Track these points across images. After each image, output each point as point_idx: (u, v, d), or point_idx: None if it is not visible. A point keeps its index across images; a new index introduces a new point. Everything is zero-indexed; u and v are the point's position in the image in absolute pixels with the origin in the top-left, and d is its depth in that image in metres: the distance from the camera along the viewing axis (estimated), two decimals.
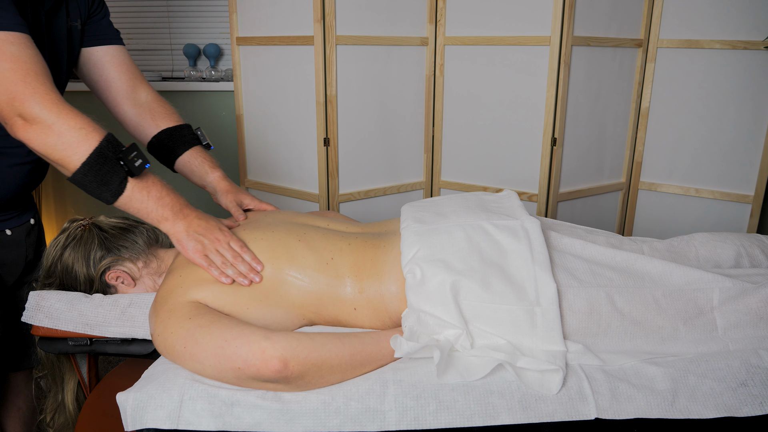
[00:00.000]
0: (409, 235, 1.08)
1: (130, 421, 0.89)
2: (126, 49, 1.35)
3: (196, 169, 1.31)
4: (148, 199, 1.01)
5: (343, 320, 1.07)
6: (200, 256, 1.04)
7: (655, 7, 2.11)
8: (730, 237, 1.20)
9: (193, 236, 1.05)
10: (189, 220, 1.06)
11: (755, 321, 1.01)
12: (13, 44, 0.94)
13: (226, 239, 1.06)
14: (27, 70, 0.94)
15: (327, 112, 2.02)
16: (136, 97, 1.34)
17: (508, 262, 1.02)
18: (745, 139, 2.07)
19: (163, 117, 1.33)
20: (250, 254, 1.06)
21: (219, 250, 1.05)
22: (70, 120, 0.95)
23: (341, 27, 1.98)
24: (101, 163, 0.96)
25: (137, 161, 0.99)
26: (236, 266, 1.04)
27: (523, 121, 2.06)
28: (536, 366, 0.91)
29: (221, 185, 1.29)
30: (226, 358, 0.89)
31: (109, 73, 1.32)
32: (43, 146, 0.95)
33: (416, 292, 1.00)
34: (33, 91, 0.93)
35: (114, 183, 0.98)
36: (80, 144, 0.95)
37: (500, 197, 1.22)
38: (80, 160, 0.95)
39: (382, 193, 2.23)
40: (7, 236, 1.25)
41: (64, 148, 0.95)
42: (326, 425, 0.88)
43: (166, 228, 1.05)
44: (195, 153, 1.32)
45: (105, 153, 0.96)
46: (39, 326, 1.10)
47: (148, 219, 1.04)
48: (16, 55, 0.94)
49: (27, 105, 0.92)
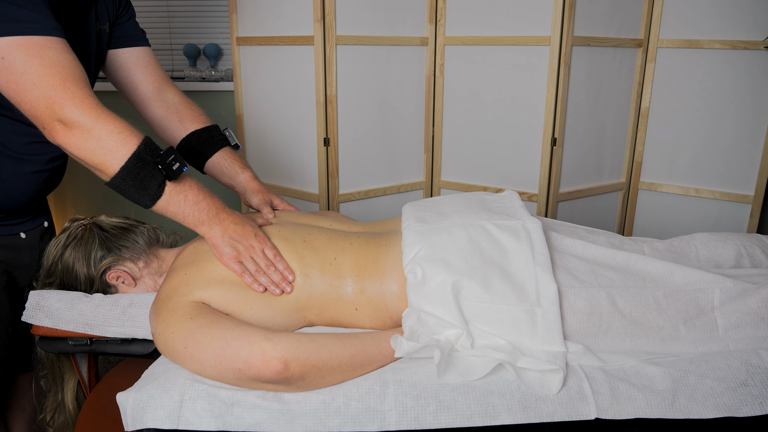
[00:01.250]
0: (411, 234, 1.08)
1: (130, 421, 0.89)
2: (152, 50, 1.35)
3: (226, 169, 1.31)
4: (185, 203, 1.01)
5: (344, 321, 1.07)
6: (234, 262, 1.04)
7: (655, 7, 2.11)
8: (730, 237, 1.20)
9: (228, 242, 1.05)
10: (225, 225, 1.05)
11: (756, 321, 1.01)
12: (52, 49, 0.94)
13: (260, 246, 1.06)
14: (65, 75, 0.93)
15: (327, 112, 2.02)
16: (163, 99, 1.33)
17: (509, 262, 1.02)
18: (745, 139, 2.07)
19: (190, 119, 1.33)
20: (283, 263, 1.06)
21: (253, 257, 1.05)
22: (108, 124, 0.94)
23: (341, 27, 1.98)
24: (140, 167, 0.95)
25: (175, 165, 0.98)
26: (269, 275, 1.04)
27: (523, 121, 2.06)
28: (536, 366, 0.91)
29: (251, 185, 1.29)
30: (226, 359, 0.89)
31: (135, 75, 1.32)
32: (82, 151, 0.94)
33: (417, 292, 1.00)
34: (72, 95, 0.93)
35: (152, 187, 0.97)
36: (119, 148, 0.94)
37: (501, 197, 1.22)
38: (119, 164, 0.95)
39: (382, 193, 2.23)
40: (21, 239, 1.26)
41: (103, 153, 0.94)
42: (326, 425, 0.88)
43: (202, 232, 1.05)
44: (224, 154, 1.32)
45: (143, 157, 0.96)
46: (39, 326, 1.10)
47: (185, 222, 1.03)
48: (54, 59, 0.93)
49: (66, 110, 0.92)
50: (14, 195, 1.19)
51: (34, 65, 0.92)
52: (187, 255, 1.10)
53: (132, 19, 1.32)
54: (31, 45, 0.92)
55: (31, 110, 0.93)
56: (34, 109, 0.93)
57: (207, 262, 1.06)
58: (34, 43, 0.92)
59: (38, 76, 0.92)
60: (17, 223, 1.25)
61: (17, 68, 0.91)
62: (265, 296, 1.04)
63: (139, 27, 1.33)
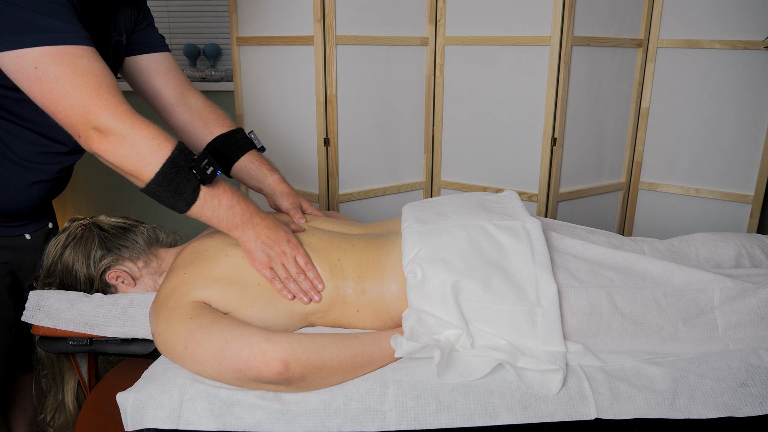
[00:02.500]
0: (410, 235, 1.08)
1: (130, 420, 0.89)
2: (172, 55, 1.35)
3: (254, 172, 1.31)
4: (219, 207, 1.01)
5: (345, 323, 1.08)
6: (266, 267, 1.05)
7: (655, 7, 2.11)
8: (730, 237, 1.20)
9: (261, 247, 1.05)
10: (258, 230, 1.05)
11: (756, 321, 1.01)
12: (83, 58, 0.94)
13: (292, 253, 1.06)
14: (98, 83, 0.93)
15: (327, 112, 2.02)
16: (186, 104, 1.33)
17: (509, 263, 1.02)
18: (745, 139, 2.07)
19: (215, 123, 1.33)
20: (313, 271, 1.07)
21: (284, 263, 1.05)
22: (143, 130, 0.94)
23: (341, 27, 1.98)
24: (174, 172, 0.96)
25: (209, 169, 0.99)
26: (299, 282, 1.05)
27: (523, 121, 2.06)
28: (536, 366, 0.91)
29: (280, 188, 1.30)
30: (227, 360, 0.89)
31: (156, 80, 1.32)
32: (118, 158, 0.94)
33: (417, 292, 1.01)
34: (106, 103, 0.93)
35: (187, 192, 0.97)
36: (153, 154, 0.94)
37: (501, 197, 1.22)
38: (154, 170, 0.95)
39: (382, 193, 2.23)
40: (26, 240, 1.26)
41: (138, 159, 0.94)
42: (326, 425, 0.88)
43: (236, 236, 1.05)
44: (251, 157, 1.32)
45: (178, 162, 0.96)
46: (39, 326, 1.10)
47: (219, 227, 1.03)
48: (86, 68, 0.93)
49: (101, 117, 0.92)
50: (19, 201, 1.20)
51: (68, 74, 0.92)
52: (187, 255, 1.10)
53: (151, 26, 1.32)
54: (64, 54, 0.92)
55: (66, 119, 0.94)
56: (69, 117, 0.93)
57: (206, 261, 1.06)
58: (67, 52, 0.93)
59: (72, 85, 0.92)
60: (22, 225, 1.25)
61: (51, 78, 0.92)
62: (269, 296, 1.04)
63: (158, 33, 1.33)
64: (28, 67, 0.92)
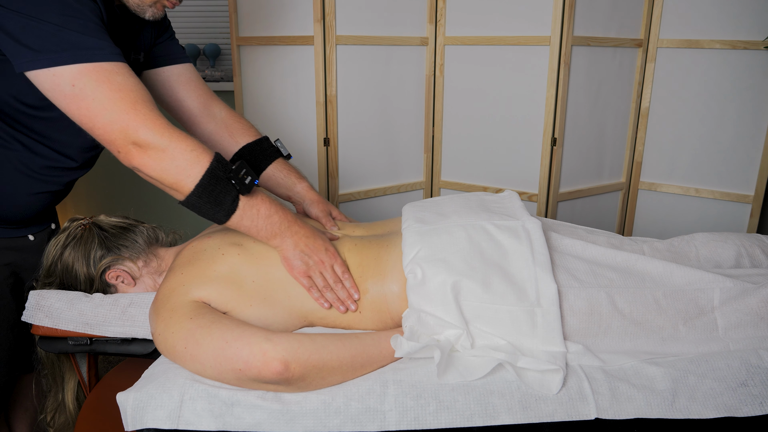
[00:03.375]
0: (411, 235, 1.08)
1: (130, 420, 0.89)
2: (194, 66, 1.35)
3: (282, 181, 1.32)
4: (258, 217, 1.02)
5: (345, 324, 1.07)
6: (304, 276, 1.05)
7: (655, 7, 2.11)
8: (730, 237, 1.20)
9: (300, 255, 1.05)
10: (297, 238, 1.06)
11: (756, 321, 1.01)
12: (119, 74, 0.95)
13: (330, 261, 1.06)
14: (135, 99, 0.94)
15: (327, 112, 2.02)
16: (210, 115, 1.34)
17: (509, 263, 1.03)
18: (745, 139, 2.07)
19: (241, 133, 1.34)
20: (350, 280, 1.07)
21: (322, 272, 1.05)
22: (181, 143, 0.95)
23: (341, 27, 1.98)
24: (213, 183, 0.96)
25: (247, 179, 0.99)
26: (336, 291, 1.05)
27: (523, 121, 2.06)
28: (536, 366, 0.91)
29: (309, 195, 1.31)
30: (226, 360, 0.89)
31: (179, 92, 1.32)
32: (158, 171, 0.95)
33: (417, 292, 1.01)
34: (144, 118, 0.93)
35: (227, 202, 0.98)
36: (192, 166, 0.95)
37: (501, 198, 1.22)
38: (193, 182, 0.95)
39: (382, 193, 2.23)
40: (29, 241, 1.26)
41: (178, 172, 0.95)
42: (326, 425, 0.88)
43: (275, 244, 1.05)
44: (279, 165, 1.33)
45: (216, 173, 0.96)
46: (39, 325, 1.10)
47: (258, 236, 1.04)
48: (122, 84, 0.94)
49: (140, 132, 0.93)
50: (22, 208, 1.21)
51: (104, 91, 0.93)
52: (186, 255, 1.10)
53: (172, 38, 1.32)
54: (100, 71, 0.93)
55: (105, 135, 0.94)
56: (108, 134, 0.94)
57: (204, 261, 1.06)
58: (103, 69, 0.93)
59: (109, 101, 0.93)
60: (25, 226, 1.25)
61: (88, 95, 0.92)
62: (262, 294, 1.04)
63: (179, 44, 1.33)
64: (65, 84, 0.92)
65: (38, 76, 0.93)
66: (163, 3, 1.12)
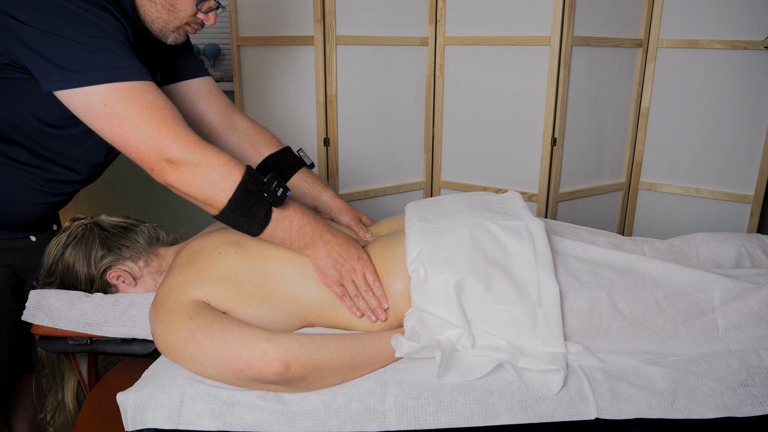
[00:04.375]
0: (414, 233, 1.08)
1: (131, 420, 0.88)
2: (213, 79, 1.35)
3: (307, 190, 1.33)
4: (291, 228, 1.02)
5: (348, 325, 1.07)
6: (336, 284, 1.05)
7: (655, 7, 2.11)
8: (731, 237, 1.20)
9: (332, 263, 1.05)
10: (329, 247, 1.06)
11: (756, 321, 1.01)
12: (148, 92, 0.95)
13: (362, 269, 1.06)
14: (165, 116, 0.95)
15: (327, 112, 2.02)
16: (232, 127, 1.34)
17: (511, 263, 1.02)
18: (745, 139, 2.07)
19: (263, 144, 1.34)
20: (380, 288, 1.07)
21: (354, 280, 1.05)
22: (213, 158, 0.95)
23: (341, 27, 1.98)
24: (246, 197, 0.96)
25: (279, 190, 0.99)
26: (367, 300, 1.05)
27: (523, 121, 2.06)
28: (537, 366, 0.91)
29: (337, 204, 1.31)
30: (227, 360, 0.89)
31: (200, 105, 1.32)
32: (192, 187, 0.95)
33: (420, 291, 1.01)
34: (175, 134, 0.94)
35: (260, 215, 0.98)
36: (225, 181, 0.95)
37: (504, 198, 1.22)
38: (227, 196, 0.96)
39: (382, 193, 2.23)
40: (31, 242, 1.26)
41: (211, 187, 0.95)
42: (326, 425, 0.88)
43: (308, 254, 1.06)
44: (303, 175, 1.33)
45: (249, 186, 0.97)
46: (39, 325, 1.10)
47: (291, 246, 1.04)
48: (153, 102, 0.95)
49: (173, 149, 0.93)
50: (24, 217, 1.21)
51: (136, 109, 0.93)
52: (185, 254, 1.10)
53: (191, 52, 1.32)
54: (131, 90, 0.94)
55: (137, 153, 0.95)
56: (141, 152, 0.94)
57: (202, 260, 1.06)
58: (133, 87, 0.94)
59: (141, 119, 0.93)
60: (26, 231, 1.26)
61: (120, 114, 0.93)
62: (259, 293, 1.04)
63: (197, 58, 1.34)
64: (98, 104, 0.93)
65: (69, 96, 0.94)
66: (185, 29, 1.13)
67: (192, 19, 1.12)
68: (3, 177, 1.14)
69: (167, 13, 1.09)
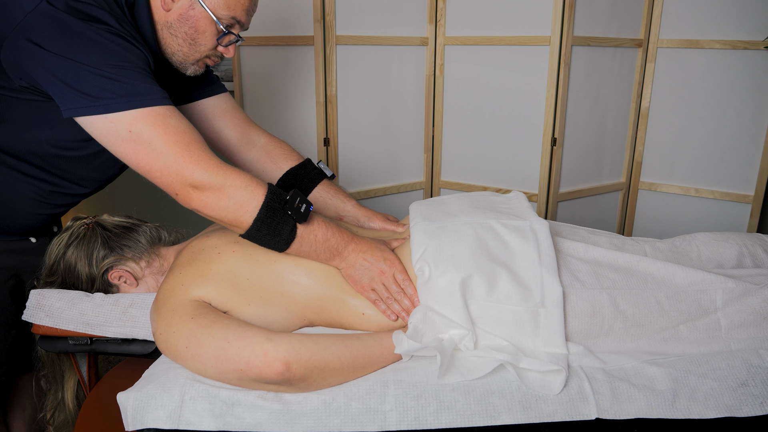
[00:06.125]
0: (418, 233, 1.08)
1: (131, 420, 0.88)
2: (230, 95, 1.35)
3: (330, 201, 1.33)
4: (316, 242, 1.03)
5: (347, 324, 1.07)
6: (368, 290, 1.05)
7: (655, 7, 2.11)
8: (732, 237, 1.20)
9: (361, 270, 1.05)
10: (356, 255, 1.06)
11: (758, 321, 1.01)
12: (171, 117, 0.96)
13: (391, 271, 1.06)
14: (188, 141, 0.95)
15: (327, 112, 2.02)
16: (250, 143, 1.34)
17: (515, 263, 1.02)
18: (745, 139, 2.07)
19: (283, 158, 1.34)
20: (411, 287, 1.06)
21: (384, 283, 1.05)
22: (236, 179, 0.96)
23: (341, 27, 1.98)
24: (271, 215, 0.97)
25: (302, 207, 1.00)
26: (400, 301, 1.05)
27: (523, 121, 2.06)
28: (538, 366, 0.91)
29: (362, 212, 1.32)
30: (228, 360, 0.89)
31: (217, 123, 1.32)
32: (217, 210, 0.96)
33: (425, 290, 1.01)
34: (198, 159, 0.95)
35: (285, 232, 0.99)
36: (249, 201, 0.96)
37: (509, 198, 1.22)
38: (252, 217, 0.97)
39: (382, 193, 2.23)
40: (31, 243, 1.26)
41: (236, 209, 0.96)
42: (327, 425, 0.88)
43: (336, 264, 1.06)
44: (325, 187, 1.33)
45: (272, 205, 0.98)
46: (39, 325, 1.10)
47: (318, 259, 1.05)
48: (176, 127, 0.96)
49: (196, 174, 0.94)
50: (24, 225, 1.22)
51: (160, 135, 0.94)
52: (185, 255, 1.10)
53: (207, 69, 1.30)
54: (155, 115, 0.95)
55: (161, 178, 0.95)
56: (165, 177, 0.95)
57: (202, 261, 1.06)
58: (157, 113, 0.95)
59: (164, 144, 0.94)
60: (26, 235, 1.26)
61: (145, 140, 0.94)
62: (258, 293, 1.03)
63: (214, 75, 1.33)
64: (123, 130, 0.94)
65: (94, 123, 0.95)
66: (204, 61, 1.14)
67: (212, 52, 1.12)
68: (5, 187, 1.14)
69: (188, 46, 1.10)
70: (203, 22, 1.07)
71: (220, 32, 1.08)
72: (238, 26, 1.10)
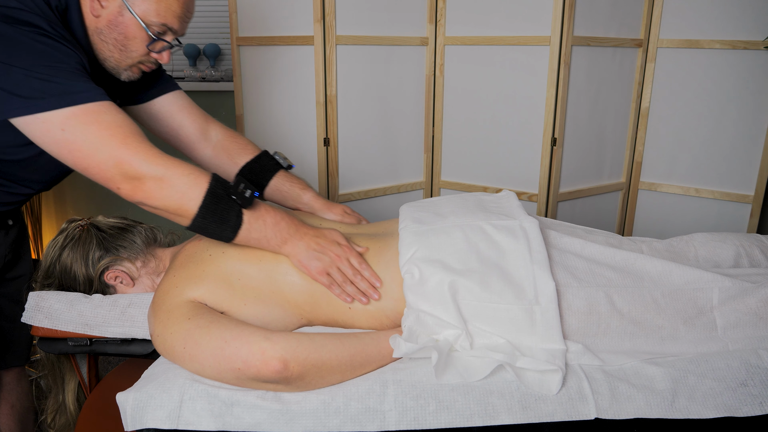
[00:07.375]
0: (408, 235, 1.08)
1: (130, 421, 0.89)
2: (183, 91, 1.34)
3: (287, 193, 1.32)
4: (265, 227, 1.02)
5: (339, 320, 1.07)
6: (322, 274, 1.05)
7: (655, 7, 2.10)
8: (729, 237, 1.20)
9: (313, 255, 1.05)
10: (308, 239, 1.06)
11: (755, 321, 1.01)
12: (105, 113, 0.96)
13: (345, 254, 1.06)
14: (124, 134, 0.96)
15: (327, 112, 2.02)
16: (207, 139, 1.34)
17: (506, 262, 1.02)
18: (745, 139, 2.06)
19: (239, 152, 1.33)
20: (369, 270, 1.06)
21: (339, 266, 1.05)
22: (177, 169, 0.97)
23: (341, 27, 1.98)
24: (216, 202, 0.98)
25: (246, 192, 1.00)
26: (356, 283, 1.05)
27: (523, 121, 2.06)
28: (536, 366, 0.91)
29: (318, 204, 1.31)
30: (225, 359, 0.89)
31: (174, 120, 1.31)
32: (160, 200, 0.96)
33: (415, 292, 1.00)
34: (135, 150, 0.95)
35: (231, 219, 0.99)
36: (192, 189, 0.97)
37: (499, 197, 1.22)
38: (196, 204, 0.97)
39: (382, 193, 2.23)
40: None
41: (179, 197, 0.96)
42: (326, 425, 0.88)
43: (287, 251, 1.05)
44: (281, 178, 1.33)
45: (217, 192, 0.98)
46: (39, 327, 1.10)
47: (269, 246, 1.04)
48: (111, 122, 0.96)
49: (135, 165, 0.94)
50: None
51: (94, 131, 0.94)
52: (179, 258, 1.10)
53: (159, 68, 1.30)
54: (88, 113, 0.95)
55: (100, 174, 0.96)
56: (103, 172, 0.95)
57: (194, 263, 1.06)
58: (89, 110, 0.95)
59: (99, 140, 0.94)
60: None
61: (78, 137, 0.94)
62: (256, 291, 1.03)
63: (166, 73, 1.33)
64: (56, 130, 0.94)
65: (28, 124, 0.95)
66: (138, 67, 1.13)
67: (145, 58, 1.11)
68: None
69: (119, 52, 1.09)
70: (132, 29, 1.06)
71: (151, 39, 1.08)
72: (171, 33, 1.09)
